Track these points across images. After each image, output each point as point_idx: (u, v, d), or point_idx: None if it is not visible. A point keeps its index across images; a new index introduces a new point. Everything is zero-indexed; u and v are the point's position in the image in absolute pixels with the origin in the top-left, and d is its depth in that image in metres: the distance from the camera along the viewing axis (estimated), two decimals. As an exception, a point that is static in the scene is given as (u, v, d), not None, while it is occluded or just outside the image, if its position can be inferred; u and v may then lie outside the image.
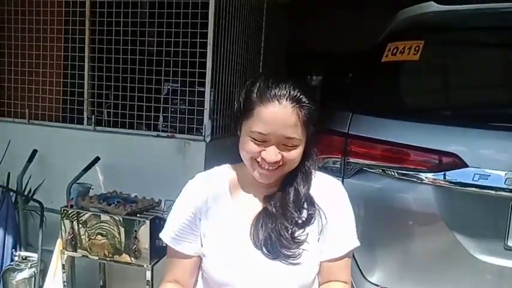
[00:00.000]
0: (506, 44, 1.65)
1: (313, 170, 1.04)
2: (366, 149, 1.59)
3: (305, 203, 0.99)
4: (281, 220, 0.96)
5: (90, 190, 2.26)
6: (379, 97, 1.66)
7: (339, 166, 1.70)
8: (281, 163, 0.95)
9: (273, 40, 3.67)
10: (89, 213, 1.99)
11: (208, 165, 2.36)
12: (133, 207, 2.02)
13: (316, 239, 0.99)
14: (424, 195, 1.46)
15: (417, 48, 1.59)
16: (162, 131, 2.46)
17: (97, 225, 1.99)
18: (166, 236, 1.04)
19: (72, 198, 2.13)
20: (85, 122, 2.59)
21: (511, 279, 1.45)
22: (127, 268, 2.07)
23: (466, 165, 1.41)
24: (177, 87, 2.43)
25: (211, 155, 2.38)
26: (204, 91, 2.35)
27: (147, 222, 1.93)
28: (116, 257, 2.00)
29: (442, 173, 1.43)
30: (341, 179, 1.69)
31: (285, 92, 0.92)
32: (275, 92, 0.92)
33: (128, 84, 2.48)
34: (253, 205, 1.01)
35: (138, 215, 2.02)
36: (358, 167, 1.63)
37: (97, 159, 2.34)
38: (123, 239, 1.97)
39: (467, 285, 1.50)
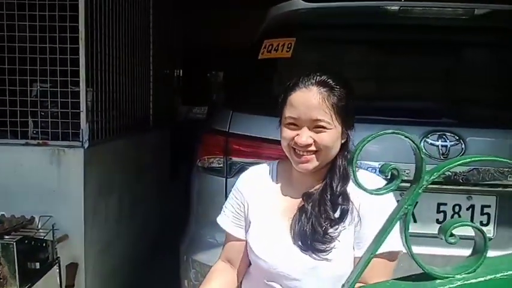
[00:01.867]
0: (371, 40, 1.77)
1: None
2: (245, 147, 1.58)
3: (340, 198, 1.02)
4: (316, 216, 1.01)
5: None
6: (255, 94, 1.66)
7: (222, 165, 1.68)
8: (314, 148, 1.00)
9: (164, 37, 3.53)
10: None
11: (89, 174, 2.21)
12: (-2, 228, 1.77)
13: (350, 236, 1.02)
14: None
15: (290, 46, 1.62)
16: (32, 138, 2.18)
17: (-48, 253, 1.71)
18: (220, 218, 1.16)
19: None
20: None
21: (405, 262, 1.57)
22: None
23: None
24: (47, 87, 2.18)
25: (93, 162, 2.18)
26: (79, 91, 2.14)
27: (13, 244, 1.70)
28: (-21, 287, 1.74)
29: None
30: (224, 179, 1.67)
31: (312, 78, 1.01)
32: (304, 80, 1.01)
33: (-13, 87, 2.16)
34: (296, 200, 1.07)
35: (5, 236, 1.78)
36: (240, 166, 1.62)
37: (-50, 175, 2.01)
38: (-15, 266, 1.72)
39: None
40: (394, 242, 0.90)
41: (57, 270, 2.00)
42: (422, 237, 1.45)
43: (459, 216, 1.51)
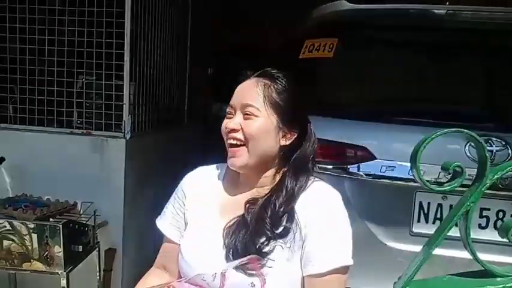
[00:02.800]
0: (415, 43, 1.77)
1: (307, 178, 0.96)
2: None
3: (284, 218, 0.92)
4: (252, 233, 0.91)
5: (-6, 194, 2.05)
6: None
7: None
8: (242, 137, 0.94)
9: (200, 34, 3.60)
10: (-8, 220, 1.80)
11: (129, 164, 2.30)
12: (44, 211, 1.87)
13: (285, 257, 0.90)
14: (338, 187, 1.52)
15: (331, 46, 1.64)
16: (77, 127, 2.29)
17: (3, 232, 1.82)
18: (159, 220, 1.08)
19: (-28, 205, 1.92)
20: (-13, 119, 2.33)
21: None
22: (40, 276, 1.93)
23: (374, 158, 1.49)
24: (93, 80, 2.27)
25: (133, 153, 2.27)
26: (123, 85, 2.22)
27: (60, 226, 1.79)
28: (26, 265, 1.84)
29: (354, 165, 1.50)
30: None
31: (260, 71, 0.99)
32: (253, 72, 0.99)
33: (37, 77, 2.27)
34: (237, 206, 0.97)
35: (50, 219, 1.88)
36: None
37: (1, 159, 2.12)
38: (34, 246, 1.81)
39: (378, 270, 1.60)
40: (344, 256, 0.91)
41: (97, 255, 2.09)
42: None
43: (503, 222, 1.50)
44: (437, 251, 0.55)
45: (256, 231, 0.91)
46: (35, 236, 1.80)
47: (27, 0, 2.24)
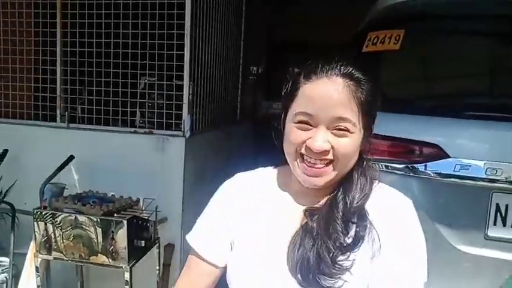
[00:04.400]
0: (487, 33, 1.65)
1: (373, 179, 0.83)
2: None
3: (355, 217, 0.79)
4: (323, 238, 0.77)
5: (65, 190, 2.19)
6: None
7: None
8: (331, 157, 0.77)
9: (252, 33, 3.62)
10: (64, 214, 1.92)
11: (188, 161, 2.35)
12: (110, 207, 1.96)
13: (364, 269, 0.77)
14: (406, 186, 1.44)
15: (397, 38, 1.56)
16: (140, 127, 2.39)
17: (72, 226, 1.93)
18: (193, 238, 0.91)
19: (46, 199, 2.05)
20: (58, 119, 2.50)
21: (491, 269, 1.45)
22: (105, 269, 2.02)
23: (447, 156, 1.40)
24: (154, 81, 2.36)
25: (192, 151, 2.32)
26: (183, 85, 2.28)
27: (125, 222, 1.87)
28: (93, 259, 1.94)
29: (424, 164, 1.42)
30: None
31: (334, 67, 0.77)
32: (323, 68, 0.77)
33: (103, 79, 2.40)
34: (296, 218, 0.83)
35: (115, 214, 1.96)
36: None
37: (71, 157, 2.26)
38: (99, 240, 1.91)
39: (449, 276, 1.50)
40: (420, 276, 0.76)
41: (157, 250, 2.16)
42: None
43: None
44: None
45: (327, 235, 0.77)
46: (101, 231, 1.89)
47: (94, 6, 2.37)
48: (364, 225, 0.78)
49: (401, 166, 1.45)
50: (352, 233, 0.78)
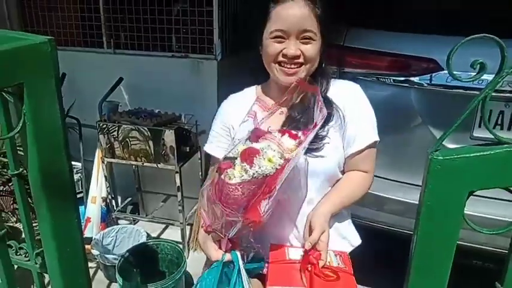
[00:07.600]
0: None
1: (329, 77, 1.14)
2: (359, 59, 1.81)
3: (324, 103, 1.02)
4: (303, 120, 1.06)
5: (119, 107, 2.54)
6: (371, 10, 1.83)
7: (335, 76, 1.94)
8: (301, 60, 1.05)
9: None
10: (122, 126, 2.31)
11: (221, 82, 2.63)
12: (159, 120, 2.33)
13: (338, 134, 1.09)
14: (403, 97, 1.71)
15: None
16: (176, 51, 2.65)
17: (129, 135, 2.32)
18: (207, 146, 1.25)
19: (105, 114, 2.43)
20: (105, 45, 2.77)
21: None
22: (158, 171, 2.44)
23: (441, 69, 1.64)
24: (187, 7, 2.57)
25: (224, 72, 2.59)
26: (213, 10, 2.47)
27: (173, 131, 2.25)
28: (148, 162, 2.36)
29: (420, 76, 1.66)
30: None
31: None
32: None
33: (141, 7, 2.61)
34: (280, 115, 1.11)
35: (163, 126, 2.34)
36: (351, 76, 1.87)
37: (121, 79, 2.58)
38: (153, 147, 2.31)
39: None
40: (374, 134, 1.12)
41: (199, 157, 2.57)
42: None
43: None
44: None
45: (306, 118, 1.05)
46: (153, 139, 2.29)
47: None
48: (330, 107, 1.09)
49: (400, 79, 1.71)
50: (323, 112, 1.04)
